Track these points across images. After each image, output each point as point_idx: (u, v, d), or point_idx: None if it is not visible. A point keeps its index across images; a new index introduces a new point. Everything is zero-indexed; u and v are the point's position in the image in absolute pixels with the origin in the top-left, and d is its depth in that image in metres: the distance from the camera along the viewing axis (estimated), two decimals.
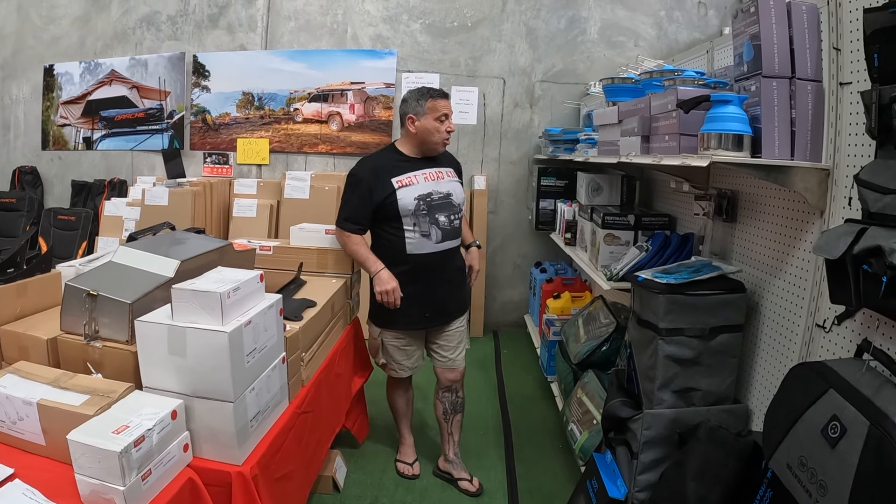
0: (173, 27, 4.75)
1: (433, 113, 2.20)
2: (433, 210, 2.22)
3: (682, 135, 1.63)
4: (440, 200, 2.25)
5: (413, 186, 2.21)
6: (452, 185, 2.32)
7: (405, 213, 2.18)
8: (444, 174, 2.32)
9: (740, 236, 2.02)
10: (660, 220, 2.48)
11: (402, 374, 2.42)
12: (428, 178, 2.26)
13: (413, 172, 2.23)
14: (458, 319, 2.44)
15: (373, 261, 2.20)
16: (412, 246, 2.21)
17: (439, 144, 2.27)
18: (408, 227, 2.20)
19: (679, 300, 1.72)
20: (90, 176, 5.02)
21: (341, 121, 4.52)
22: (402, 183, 2.20)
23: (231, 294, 1.36)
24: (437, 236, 2.23)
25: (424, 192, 2.22)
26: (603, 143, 2.36)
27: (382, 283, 2.17)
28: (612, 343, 2.72)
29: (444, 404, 2.50)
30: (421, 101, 2.21)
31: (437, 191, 2.25)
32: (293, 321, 1.77)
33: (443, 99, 2.23)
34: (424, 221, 2.20)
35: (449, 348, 2.42)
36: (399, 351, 2.36)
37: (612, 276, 2.26)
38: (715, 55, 2.21)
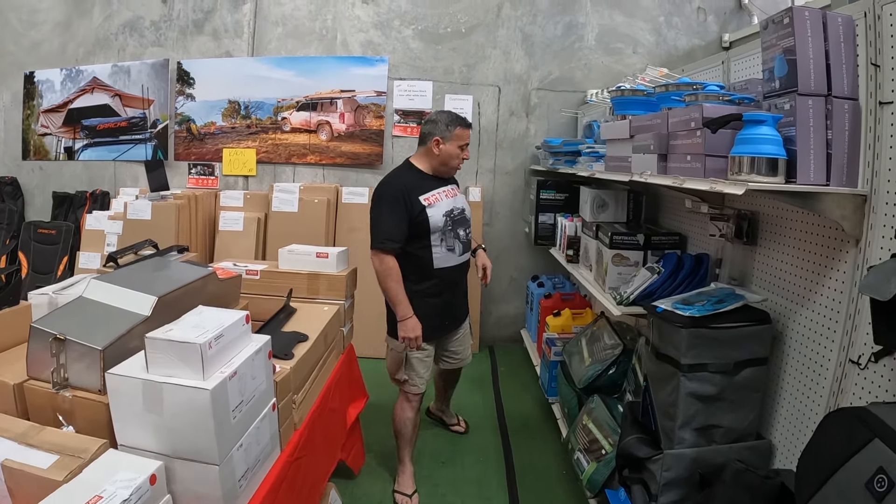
0: (157, 33, 4.58)
1: (458, 141, 2.37)
2: (456, 225, 2.39)
3: (707, 156, 1.50)
4: (459, 216, 2.42)
5: (439, 204, 2.35)
6: (464, 202, 2.50)
7: (435, 230, 2.31)
8: (456, 192, 2.49)
9: (761, 261, 1.89)
10: (670, 240, 2.35)
11: (422, 387, 2.48)
12: (448, 196, 2.41)
13: (436, 191, 2.37)
14: (465, 321, 2.67)
15: (406, 305, 2.27)
16: (438, 260, 2.35)
17: (454, 169, 2.45)
18: (435, 244, 2.33)
19: (703, 334, 1.60)
20: (72, 187, 4.85)
21: (331, 130, 4.36)
22: (429, 201, 2.32)
23: (213, 344, 1.21)
24: (459, 249, 2.41)
25: (449, 209, 2.37)
26: (611, 158, 2.23)
27: (409, 331, 2.28)
28: (618, 367, 2.60)
29: (443, 380, 2.92)
30: (450, 127, 2.37)
31: (456, 207, 2.41)
32: (283, 360, 1.62)
33: (468, 129, 2.42)
34: (450, 236, 2.36)
35: (461, 349, 2.66)
36: (421, 363, 2.44)
37: (622, 301, 2.13)
38: (731, 66, 2.09)
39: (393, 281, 2.25)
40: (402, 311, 2.27)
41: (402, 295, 2.26)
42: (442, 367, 2.69)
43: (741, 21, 4.39)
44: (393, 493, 2.53)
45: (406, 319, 2.27)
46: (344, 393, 2.22)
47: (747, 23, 4.35)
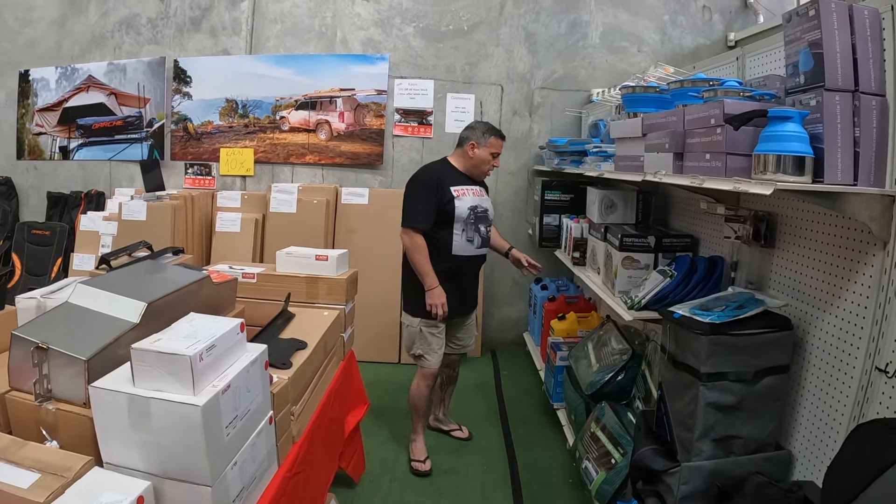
0: (153, 31, 4.50)
1: (491, 148, 2.65)
2: (478, 221, 2.63)
3: (728, 154, 1.42)
4: (482, 213, 2.66)
5: (467, 198, 2.60)
6: (488, 203, 2.74)
7: (458, 220, 2.57)
8: (483, 193, 2.73)
9: (780, 264, 1.82)
10: (682, 242, 2.27)
11: (434, 361, 2.67)
12: (475, 194, 2.66)
13: (466, 186, 2.64)
14: (473, 312, 2.88)
15: (433, 276, 2.53)
16: (457, 247, 2.59)
17: (483, 174, 2.72)
18: (457, 232, 2.58)
19: (723, 342, 1.52)
20: (66, 187, 4.77)
21: (330, 130, 4.28)
22: (459, 193, 2.59)
23: (204, 355, 1.13)
24: (477, 242, 2.65)
25: (474, 205, 2.62)
26: (622, 157, 2.15)
27: (436, 298, 2.52)
28: (627, 372, 2.52)
29: (442, 377, 2.92)
30: (486, 135, 2.66)
31: (480, 205, 2.65)
32: (280, 369, 1.54)
33: (502, 140, 2.70)
34: (471, 228, 2.61)
35: (465, 337, 2.87)
36: (435, 338, 2.66)
37: (633, 305, 2.05)
38: (746, 62, 2.01)
39: (421, 256, 2.53)
40: (430, 281, 2.53)
41: (429, 267, 2.53)
42: (445, 350, 2.81)
43: (747, 20, 4.32)
44: (409, 462, 2.78)
45: (433, 289, 2.52)
46: (344, 401, 2.14)
47: (753, 21, 4.29)
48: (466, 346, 2.90)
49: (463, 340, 2.87)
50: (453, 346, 2.85)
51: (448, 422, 3.07)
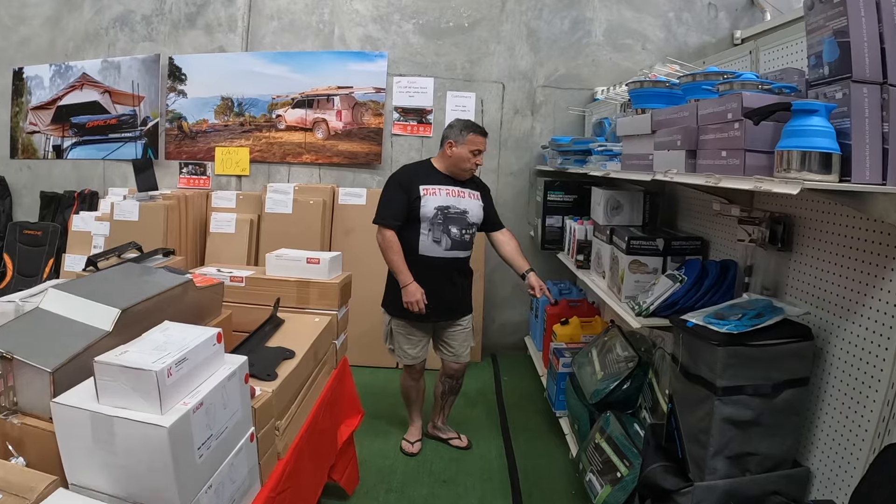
0: (148, 27, 4.41)
1: (470, 146, 2.56)
2: (448, 221, 2.55)
3: (747, 151, 1.31)
4: (455, 215, 2.57)
5: (436, 197, 2.55)
6: (471, 204, 2.63)
7: (424, 219, 2.52)
8: (465, 193, 2.63)
9: (797, 268, 1.71)
10: (691, 245, 2.17)
11: (405, 360, 2.72)
12: (450, 194, 2.59)
13: (439, 186, 2.58)
14: (462, 319, 2.74)
15: (407, 273, 2.51)
16: (423, 248, 2.55)
17: (465, 172, 2.61)
18: (423, 231, 2.54)
19: (741, 353, 1.41)
20: (60, 187, 4.68)
21: (327, 128, 4.18)
22: (427, 191, 2.55)
23: (173, 370, 1.03)
24: (446, 244, 2.56)
25: (444, 205, 2.55)
26: (629, 156, 2.05)
27: (410, 295, 2.51)
28: (633, 381, 2.42)
29: (444, 386, 2.87)
30: (463, 133, 2.57)
31: (455, 206, 2.57)
32: (265, 381, 1.44)
33: (482, 136, 2.60)
34: (438, 229, 2.54)
35: (455, 345, 2.74)
36: (404, 338, 2.68)
37: (641, 311, 1.94)
38: (761, 56, 1.91)
39: (393, 253, 2.52)
40: (403, 278, 2.52)
41: (402, 265, 2.52)
42: (439, 356, 2.80)
43: (753, 17, 4.23)
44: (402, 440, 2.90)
45: (407, 285, 2.51)
46: (336, 411, 2.04)
47: (759, 19, 4.19)
48: (458, 355, 2.76)
49: (454, 349, 2.75)
50: (444, 353, 2.78)
51: (446, 430, 2.97)
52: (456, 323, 2.73)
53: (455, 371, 2.80)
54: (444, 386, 2.86)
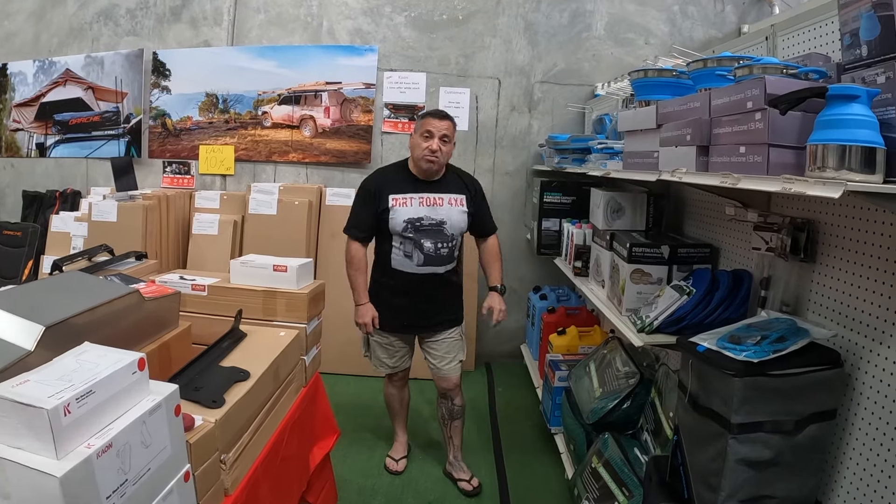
0: (132, 21, 4.23)
1: (421, 129, 2.27)
2: (420, 235, 2.29)
3: (771, 146, 1.12)
4: (430, 227, 2.31)
5: (406, 209, 2.29)
6: (451, 213, 2.34)
7: (394, 232, 2.30)
8: (443, 200, 2.34)
9: (822, 282, 1.51)
10: (699, 253, 1.97)
11: (382, 370, 2.56)
12: (423, 203, 2.31)
13: (411, 195, 2.31)
14: (447, 331, 2.48)
15: (360, 293, 2.36)
16: (395, 262, 2.34)
17: (420, 160, 2.28)
18: (395, 245, 2.33)
19: (761, 385, 1.22)
20: (43, 186, 4.51)
21: (315, 126, 3.99)
22: (397, 202, 2.30)
23: (73, 407, 0.84)
24: (418, 259, 2.32)
25: (415, 217, 2.29)
26: (631, 154, 1.85)
27: (359, 316, 2.37)
28: (634, 399, 2.23)
29: (441, 410, 2.61)
30: (419, 119, 2.33)
31: (429, 217, 2.31)
32: (210, 408, 1.24)
33: (436, 118, 2.27)
34: (409, 243, 2.31)
35: (437, 357, 2.48)
36: (381, 348, 2.50)
37: (643, 327, 1.75)
38: (778, 43, 1.71)
39: (352, 268, 2.36)
40: (356, 297, 2.37)
41: (358, 282, 2.35)
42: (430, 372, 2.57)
43: (761, 11, 4.04)
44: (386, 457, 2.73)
45: (358, 306, 2.37)
46: (306, 434, 1.84)
47: (767, 13, 4.00)
48: (441, 368, 2.47)
49: (437, 362, 2.47)
50: (429, 364, 2.53)
51: (458, 467, 2.61)
52: (438, 334, 2.47)
53: (446, 389, 2.51)
54: (442, 409, 2.60)
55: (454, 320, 2.50)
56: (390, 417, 2.77)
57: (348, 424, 3.02)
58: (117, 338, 1.42)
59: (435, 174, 2.34)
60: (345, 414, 3.14)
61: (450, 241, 2.33)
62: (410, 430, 2.88)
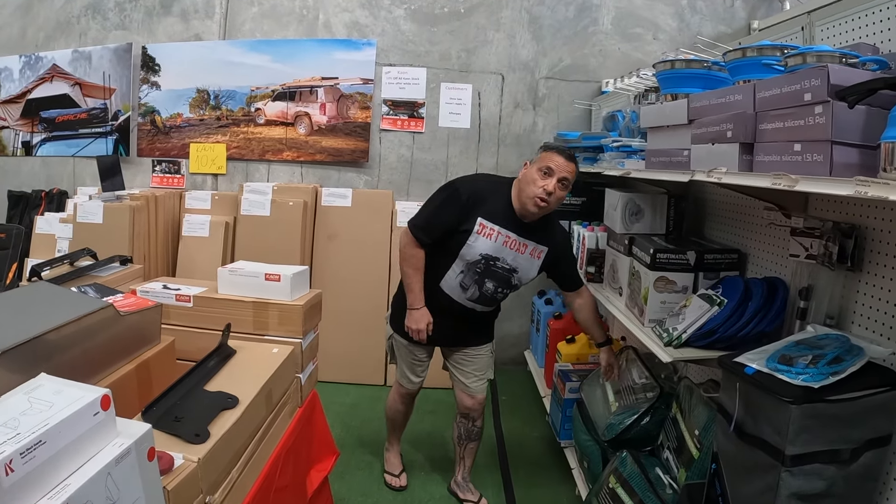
0: (121, 14, 4.07)
1: (540, 163, 1.99)
2: (485, 274, 2.10)
3: (834, 143, 0.98)
4: (500, 270, 2.10)
5: (488, 242, 2.06)
6: (526, 264, 2.12)
7: (461, 257, 2.08)
8: (526, 248, 2.10)
9: (869, 292, 1.37)
10: (727, 258, 1.83)
11: (404, 383, 2.38)
12: (507, 244, 2.08)
13: (499, 227, 2.06)
14: (477, 347, 2.31)
15: (417, 295, 2.13)
16: (446, 285, 2.14)
17: (529, 201, 1.98)
18: (455, 268, 2.11)
19: (820, 412, 1.07)
20: (29, 185, 4.34)
21: (310, 123, 3.83)
22: (483, 230, 2.05)
23: (15, 465, 0.68)
24: (472, 295, 2.14)
25: (493, 255, 2.07)
26: (656, 152, 1.70)
27: (415, 321, 2.15)
28: (654, 415, 2.09)
29: (459, 429, 2.43)
30: (540, 150, 2.07)
31: (504, 260, 2.09)
32: (193, 443, 1.09)
33: (562, 157, 1.98)
34: (470, 276, 2.11)
35: (465, 373, 2.32)
36: (406, 361, 2.34)
37: (671, 341, 1.60)
38: (816, 32, 1.57)
39: (411, 267, 2.12)
40: (413, 299, 2.15)
41: (416, 283, 2.12)
42: (454, 388, 2.40)
43: (771, 7, 3.92)
44: (382, 473, 2.59)
45: (415, 309, 2.15)
46: (302, 459, 1.69)
47: (778, 9, 3.88)
48: (468, 385, 2.31)
49: (464, 379, 2.30)
50: (456, 382, 2.35)
51: (466, 488, 2.46)
52: (468, 349, 2.30)
53: (469, 409, 2.33)
54: (460, 429, 2.41)
55: (487, 337, 2.35)
56: (389, 429, 2.62)
57: (346, 438, 2.87)
58: (89, 358, 1.28)
59: (535, 217, 2.05)
60: (342, 426, 2.99)
61: (511, 290, 2.17)
62: (413, 444, 2.74)
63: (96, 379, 1.30)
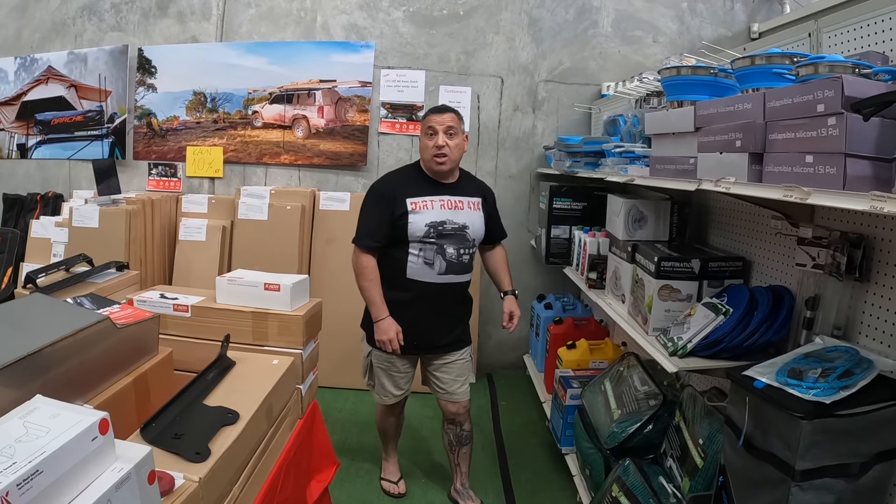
0: (117, 16, 4.04)
1: (424, 129, 2.16)
2: (443, 240, 2.14)
3: (848, 156, 0.96)
4: (453, 231, 2.16)
5: (427, 212, 2.13)
6: (472, 217, 2.21)
7: (413, 238, 2.12)
8: (464, 203, 2.21)
9: (876, 303, 1.36)
10: (731, 266, 1.81)
11: (387, 400, 2.34)
12: (445, 206, 2.17)
13: (430, 197, 2.16)
14: (457, 353, 2.32)
15: (379, 306, 2.14)
16: (413, 271, 2.16)
17: (432, 161, 2.14)
18: (413, 252, 2.14)
19: (831, 427, 1.06)
20: (24, 189, 4.30)
21: (308, 126, 3.80)
22: (416, 205, 2.13)
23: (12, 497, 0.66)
24: (440, 267, 2.15)
25: (438, 220, 2.14)
26: (661, 159, 1.68)
27: (381, 332, 2.14)
28: (657, 423, 2.07)
29: (448, 436, 2.43)
30: (422, 120, 2.20)
31: (451, 220, 2.16)
32: (194, 461, 1.07)
33: (435, 114, 2.16)
34: (430, 250, 2.13)
35: (447, 381, 2.31)
36: (386, 375, 2.29)
37: (676, 350, 1.59)
38: (823, 39, 1.56)
39: (366, 280, 2.15)
40: (376, 311, 2.15)
41: (375, 295, 2.15)
42: (436, 397, 2.40)
43: (771, 10, 3.91)
44: (380, 480, 2.57)
45: (380, 321, 2.14)
46: (302, 471, 1.67)
47: (778, 12, 3.88)
48: (452, 392, 2.31)
49: (446, 385, 2.30)
50: (435, 390, 2.36)
51: (466, 495, 2.45)
52: (447, 356, 2.30)
53: (455, 414, 2.35)
54: (450, 435, 2.41)
55: (466, 340, 2.36)
56: (383, 441, 2.60)
57: (346, 445, 2.85)
58: (86, 372, 1.25)
59: (450, 174, 2.19)
60: (342, 433, 2.97)
61: (471, 248, 2.20)
62: (411, 451, 2.72)
63: (94, 393, 1.27)
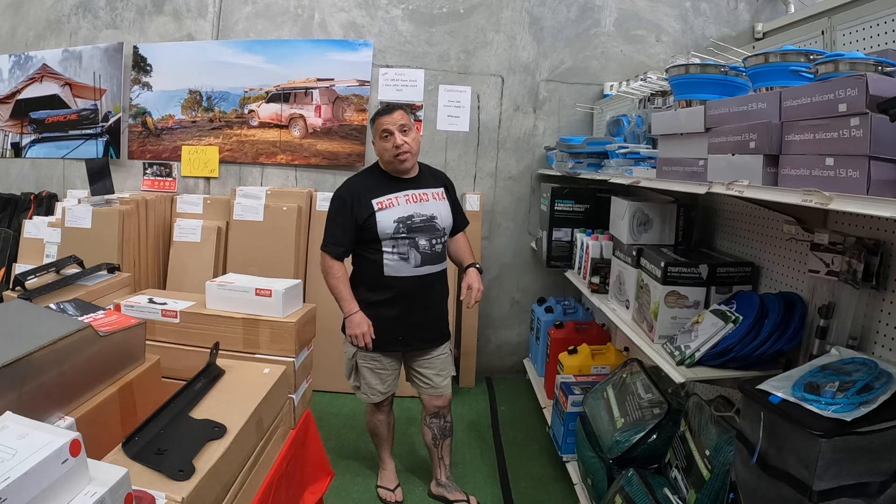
0: (112, 13, 3.98)
1: (377, 133, 2.18)
2: (413, 233, 2.19)
3: (872, 158, 0.90)
4: (422, 223, 2.21)
5: (393, 209, 2.17)
6: (438, 207, 2.26)
7: (384, 236, 2.16)
8: (428, 195, 2.26)
9: (894, 312, 1.30)
10: (740, 272, 1.75)
11: (375, 398, 2.34)
12: (410, 200, 2.22)
13: (394, 194, 2.20)
14: (440, 347, 2.36)
15: (349, 301, 2.18)
16: (390, 268, 2.19)
17: (395, 163, 2.18)
18: (386, 250, 2.18)
19: (851, 445, 1.00)
20: (18, 188, 4.24)
21: (305, 125, 3.74)
22: (381, 204, 2.16)
23: None
24: (415, 260, 2.19)
25: (405, 215, 2.18)
26: (669, 161, 1.62)
27: (354, 327, 2.16)
28: (661, 432, 2.01)
29: (432, 430, 2.44)
30: (371, 126, 2.25)
31: (419, 213, 2.21)
32: (177, 480, 1.01)
33: (387, 115, 2.16)
34: (403, 244, 2.18)
35: (432, 376, 2.35)
36: (372, 374, 2.30)
37: (684, 360, 1.53)
38: (837, 37, 1.50)
39: (334, 277, 2.18)
40: (346, 306, 2.18)
41: (344, 290, 2.18)
42: (415, 388, 2.44)
43: (775, 10, 3.87)
44: (376, 488, 2.53)
45: (351, 315, 2.17)
46: (295, 484, 1.61)
47: (782, 12, 3.83)
48: (436, 386, 2.35)
49: (431, 380, 2.34)
50: (420, 385, 2.38)
51: (452, 489, 2.48)
52: (431, 351, 2.34)
53: (438, 408, 2.38)
54: (433, 429, 2.43)
55: (447, 334, 2.41)
56: (376, 445, 2.57)
57: (341, 451, 2.79)
58: (67, 382, 1.19)
59: (411, 170, 2.24)
60: (337, 438, 2.91)
61: (442, 237, 2.25)
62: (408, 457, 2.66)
63: (76, 403, 1.21)
